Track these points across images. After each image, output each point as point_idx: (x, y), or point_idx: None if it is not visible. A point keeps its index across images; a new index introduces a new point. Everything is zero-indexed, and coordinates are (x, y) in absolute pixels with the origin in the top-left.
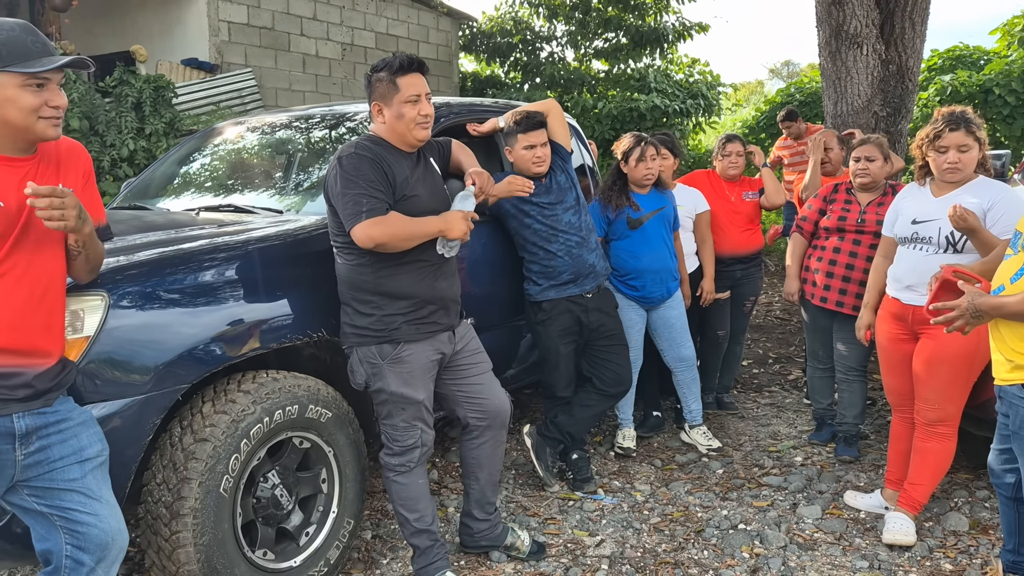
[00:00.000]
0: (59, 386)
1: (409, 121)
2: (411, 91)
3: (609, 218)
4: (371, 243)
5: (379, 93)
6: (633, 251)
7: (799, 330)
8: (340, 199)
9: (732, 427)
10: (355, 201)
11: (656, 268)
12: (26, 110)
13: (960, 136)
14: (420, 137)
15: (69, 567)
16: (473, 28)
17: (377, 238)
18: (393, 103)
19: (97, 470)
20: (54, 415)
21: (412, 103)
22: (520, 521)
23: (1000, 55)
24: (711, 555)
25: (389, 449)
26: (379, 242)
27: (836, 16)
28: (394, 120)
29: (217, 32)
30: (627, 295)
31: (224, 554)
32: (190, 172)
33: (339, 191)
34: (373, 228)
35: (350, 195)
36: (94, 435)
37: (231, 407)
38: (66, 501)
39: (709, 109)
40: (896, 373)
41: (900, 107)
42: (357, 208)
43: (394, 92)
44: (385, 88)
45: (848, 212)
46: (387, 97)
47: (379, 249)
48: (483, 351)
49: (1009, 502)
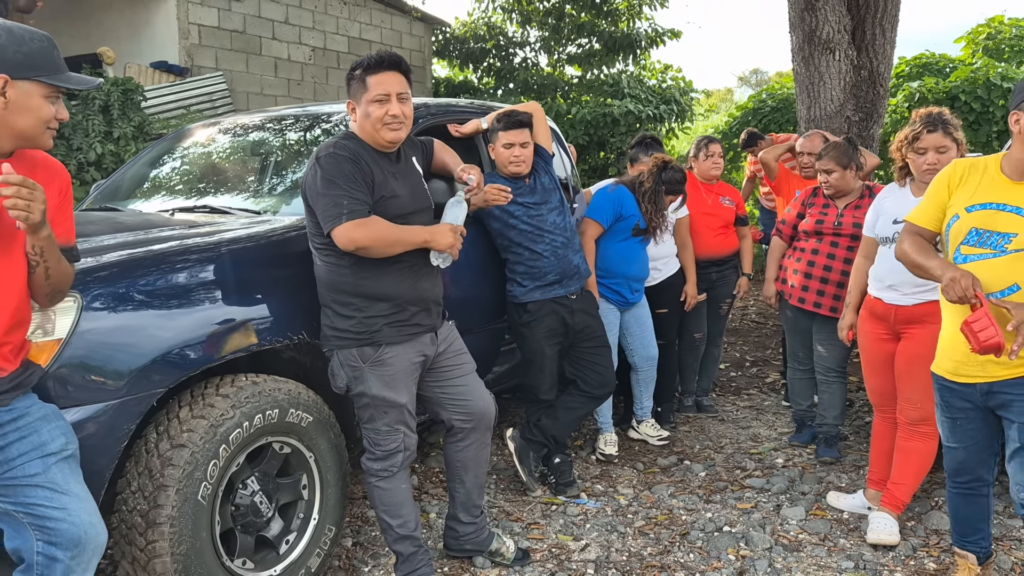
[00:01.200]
0: (19, 387)
1: (375, 121)
2: (379, 90)
3: (623, 216)
4: (352, 246)
5: (352, 91)
6: (627, 256)
7: (775, 333)
8: (319, 200)
9: (712, 430)
10: (335, 202)
11: (641, 276)
12: (42, 121)
13: (938, 138)
14: (388, 139)
15: (42, 564)
16: (446, 33)
17: (359, 241)
18: (362, 102)
19: (63, 463)
20: (9, 413)
21: (379, 103)
22: (503, 526)
23: (965, 63)
24: (697, 558)
25: (371, 454)
26: (361, 246)
27: (809, 22)
28: (362, 119)
29: (187, 35)
30: (608, 297)
31: (202, 564)
32: (163, 173)
33: (319, 191)
34: (355, 231)
35: (330, 196)
36: (56, 428)
37: (209, 412)
38: (30, 497)
39: (682, 115)
40: (878, 373)
41: (872, 112)
42: (337, 210)
43: (363, 91)
44: (356, 86)
45: (826, 215)
46: (357, 95)
47: (359, 253)
48: (466, 352)
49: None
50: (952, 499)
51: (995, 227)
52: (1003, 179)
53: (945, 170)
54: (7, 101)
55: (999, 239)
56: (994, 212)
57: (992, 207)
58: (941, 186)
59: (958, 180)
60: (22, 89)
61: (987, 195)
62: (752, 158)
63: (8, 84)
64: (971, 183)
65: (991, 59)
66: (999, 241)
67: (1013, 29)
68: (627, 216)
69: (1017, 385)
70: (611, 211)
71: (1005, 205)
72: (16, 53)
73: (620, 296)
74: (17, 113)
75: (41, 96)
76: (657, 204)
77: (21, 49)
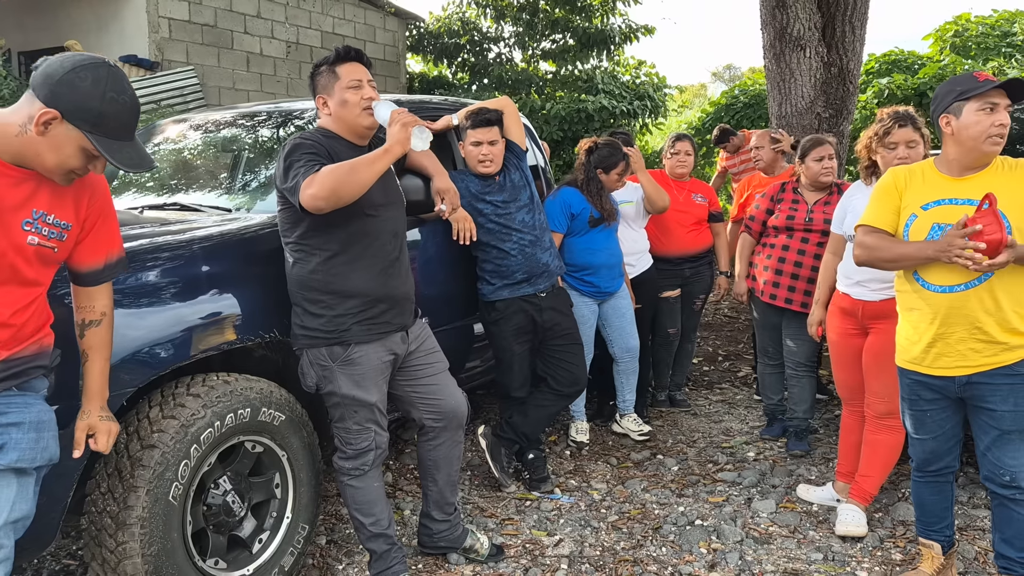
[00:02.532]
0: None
1: (353, 106)
2: (351, 76)
3: (574, 214)
4: (313, 202)
5: (321, 85)
6: (590, 247)
7: (747, 328)
8: (284, 184)
9: (685, 424)
10: (292, 177)
11: (612, 263)
12: (66, 168)
13: (908, 132)
14: (368, 124)
15: None
16: (420, 28)
17: (317, 194)
18: (335, 91)
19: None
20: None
21: (354, 88)
22: (477, 523)
23: (933, 60)
24: (669, 552)
25: (343, 452)
26: (319, 195)
27: (780, 19)
28: (339, 108)
29: (157, 29)
30: (581, 291)
31: (174, 564)
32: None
33: (283, 180)
34: (309, 188)
35: (289, 175)
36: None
37: (180, 411)
38: None
39: (656, 111)
40: (847, 367)
41: (842, 108)
42: (295, 182)
43: (335, 80)
44: (326, 79)
45: (796, 211)
46: (329, 87)
47: (330, 204)
48: (439, 351)
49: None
50: (918, 489)
51: (955, 220)
52: (944, 177)
53: (886, 176)
54: (47, 132)
55: None
56: (950, 207)
57: (947, 202)
58: (889, 189)
59: (903, 184)
60: (66, 131)
61: (936, 193)
62: (725, 154)
63: (57, 121)
64: (914, 186)
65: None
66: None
67: (979, 27)
68: (578, 212)
69: (996, 375)
70: (562, 215)
71: (957, 199)
72: (85, 103)
73: (594, 287)
74: (48, 148)
75: (78, 147)
76: (597, 189)
77: (93, 105)
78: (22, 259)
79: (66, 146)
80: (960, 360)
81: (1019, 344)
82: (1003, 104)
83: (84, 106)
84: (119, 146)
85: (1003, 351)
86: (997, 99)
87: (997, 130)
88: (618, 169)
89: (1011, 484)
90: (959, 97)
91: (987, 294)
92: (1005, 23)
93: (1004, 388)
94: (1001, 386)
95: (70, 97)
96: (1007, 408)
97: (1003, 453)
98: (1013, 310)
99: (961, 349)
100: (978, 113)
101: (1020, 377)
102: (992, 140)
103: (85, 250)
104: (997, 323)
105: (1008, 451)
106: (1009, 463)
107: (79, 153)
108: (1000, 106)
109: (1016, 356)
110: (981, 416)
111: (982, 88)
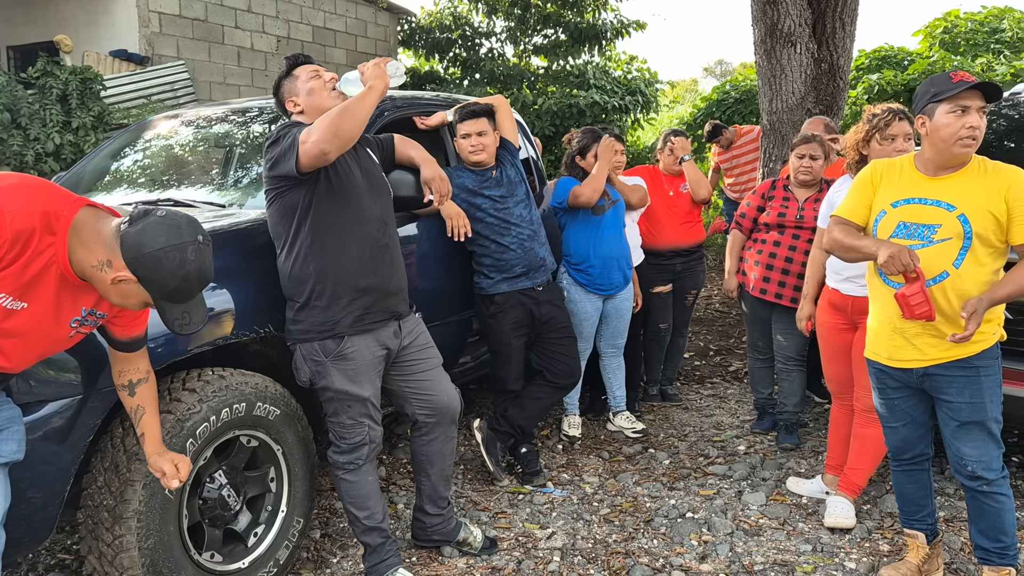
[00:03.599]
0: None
1: (320, 90)
2: (308, 71)
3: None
4: (318, 147)
5: (286, 90)
6: (592, 239)
7: (739, 322)
8: (274, 154)
9: (676, 418)
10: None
11: (615, 255)
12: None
13: (907, 126)
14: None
15: None
16: (412, 23)
17: (320, 138)
18: (299, 88)
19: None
20: None
21: (314, 77)
22: (471, 516)
23: (923, 56)
24: (661, 544)
25: (337, 447)
26: (323, 140)
27: (771, 15)
28: (308, 98)
29: (147, 23)
30: (584, 284)
31: (170, 557)
32: (125, 166)
33: (272, 156)
34: (308, 137)
35: (281, 146)
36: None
37: (176, 406)
38: None
39: (647, 106)
40: (836, 362)
41: (832, 104)
42: (291, 142)
43: (295, 81)
44: (288, 85)
45: (787, 208)
46: (292, 89)
47: (334, 146)
48: (432, 346)
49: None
50: (898, 479)
51: (921, 220)
52: (919, 176)
53: (866, 169)
54: (120, 281)
55: (925, 231)
56: (917, 206)
57: (915, 201)
58: (866, 183)
59: (879, 178)
60: (137, 289)
61: (908, 191)
62: (717, 149)
63: (127, 280)
64: (890, 181)
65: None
66: (926, 232)
67: (968, 23)
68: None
69: (952, 367)
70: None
71: (925, 199)
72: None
73: (597, 280)
74: (115, 293)
75: (142, 300)
76: (583, 176)
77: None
78: (58, 346)
79: (131, 297)
80: (917, 353)
81: (973, 340)
82: (975, 106)
83: (160, 282)
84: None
85: (956, 346)
86: (969, 101)
87: (967, 132)
88: (592, 152)
89: (975, 475)
90: (933, 99)
91: (940, 294)
92: (994, 19)
93: (960, 380)
94: (957, 378)
95: (151, 270)
96: (963, 400)
97: (963, 444)
98: None
99: (917, 343)
100: (949, 115)
101: (975, 370)
102: (962, 143)
103: (127, 323)
104: (950, 320)
105: (968, 442)
106: (970, 454)
107: (140, 303)
108: (972, 108)
109: (970, 350)
110: (942, 408)
111: (955, 90)
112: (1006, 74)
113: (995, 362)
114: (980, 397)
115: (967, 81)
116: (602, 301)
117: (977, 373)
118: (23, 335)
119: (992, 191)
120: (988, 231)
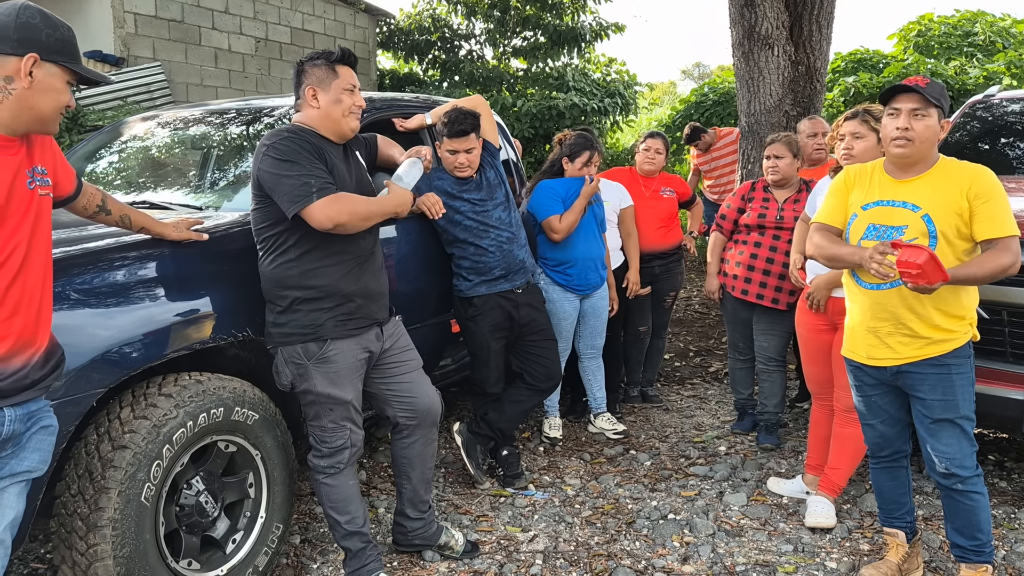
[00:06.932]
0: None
1: (346, 108)
2: (350, 80)
3: (563, 199)
4: (330, 223)
5: (316, 77)
6: (567, 240)
7: (718, 323)
8: (282, 182)
9: (657, 419)
10: (301, 183)
11: (590, 256)
12: (60, 105)
13: (854, 124)
14: (352, 127)
15: None
16: (391, 25)
17: (337, 217)
18: (332, 88)
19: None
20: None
21: (350, 91)
22: (452, 519)
23: (897, 59)
24: (643, 545)
25: (317, 451)
26: (339, 222)
27: (748, 17)
28: (331, 105)
29: (122, 24)
30: (563, 284)
31: (146, 566)
32: (100, 168)
33: (280, 174)
34: (331, 207)
35: (294, 176)
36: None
37: (152, 412)
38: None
39: (626, 108)
40: (816, 362)
41: (809, 107)
42: (306, 189)
43: (334, 77)
44: (324, 73)
45: (767, 209)
46: (325, 82)
47: (337, 230)
48: (413, 348)
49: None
50: (876, 476)
51: (889, 221)
52: (888, 179)
53: (840, 174)
54: (33, 81)
55: (893, 232)
56: (885, 208)
57: (883, 204)
58: (840, 187)
59: (853, 182)
60: (49, 71)
61: (877, 194)
62: (696, 152)
63: (37, 64)
64: (862, 184)
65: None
66: (894, 234)
67: (942, 27)
68: (565, 195)
69: (924, 365)
70: (553, 200)
71: (893, 201)
72: (49, 36)
73: (574, 281)
74: (41, 94)
75: (64, 81)
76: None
77: (54, 33)
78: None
79: (54, 83)
80: (890, 352)
81: (943, 339)
82: (906, 108)
83: (51, 39)
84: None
85: (927, 345)
86: (900, 104)
87: (898, 134)
88: (582, 158)
89: (948, 473)
90: (883, 102)
91: (910, 293)
92: (967, 23)
93: (932, 378)
94: (929, 375)
95: (35, 37)
96: (936, 397)
97: (937, 441)
98: (936, 308)
99: (890, 342)
100: (887, 118)
101: (946, 368)
102: (895, 143)
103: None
104: (920, 319)
105: (941, 439)
106: (943, 450)
107: (65, 87)
108: (903, 111)
109: (941, 349)
110: (916, 406)
111: (889, 95)
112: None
113: (967, 360)
114: (952, 395)
115: (895, 86)
116: (580, 300)
117: (949, 371)
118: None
119: (955, 190)
120: (952, 230)
